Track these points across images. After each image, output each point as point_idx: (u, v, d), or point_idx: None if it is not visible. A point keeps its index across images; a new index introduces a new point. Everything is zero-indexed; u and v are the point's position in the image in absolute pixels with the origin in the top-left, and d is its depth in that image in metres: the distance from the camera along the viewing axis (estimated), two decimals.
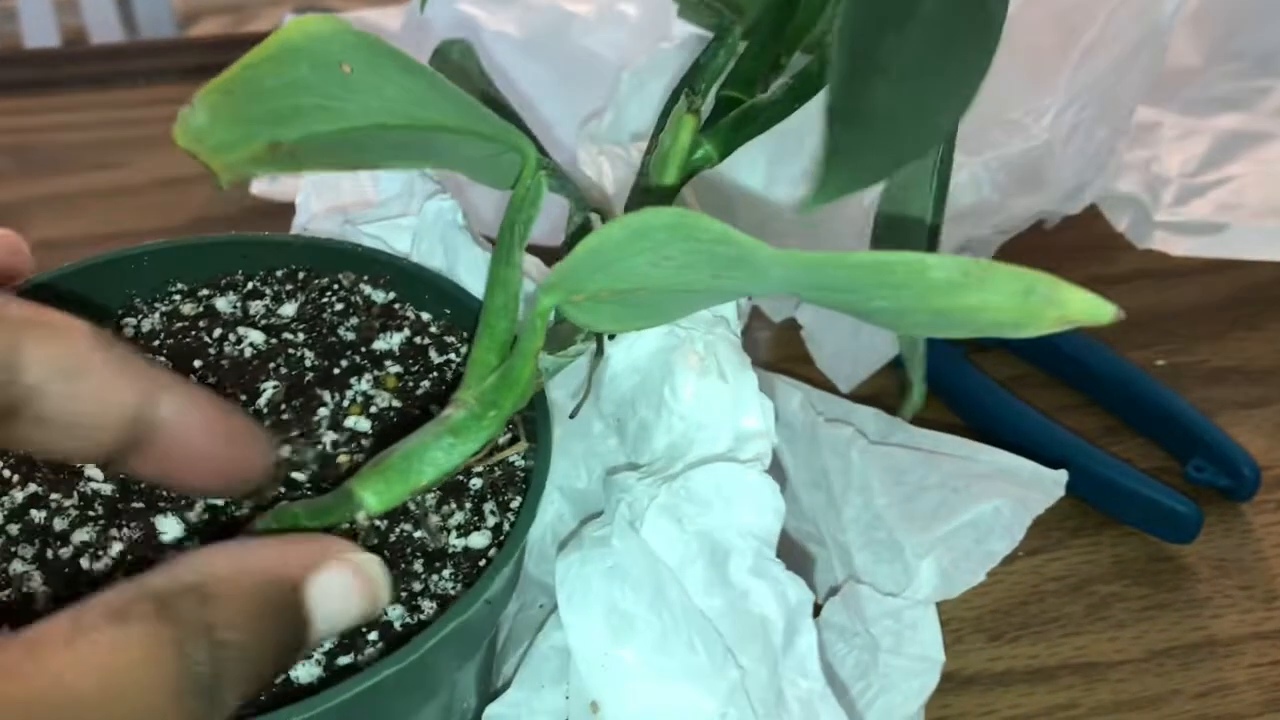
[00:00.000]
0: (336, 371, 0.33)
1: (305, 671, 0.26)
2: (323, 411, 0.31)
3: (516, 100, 0.40)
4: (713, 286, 0.24)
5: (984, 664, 0.42)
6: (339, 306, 0.34)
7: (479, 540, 0.29)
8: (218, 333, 0.33)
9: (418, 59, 0.26)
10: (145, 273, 0.35)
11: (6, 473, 0.29)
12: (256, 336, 0.33)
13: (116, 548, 0.28)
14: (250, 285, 0.35)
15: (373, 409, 0.32)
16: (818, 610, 0.40)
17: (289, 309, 0.34)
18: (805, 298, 0.24)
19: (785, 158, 0.41)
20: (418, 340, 0.33)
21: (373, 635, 0.27)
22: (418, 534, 0.29)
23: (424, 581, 0.28)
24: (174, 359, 0.32)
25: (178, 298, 0.35)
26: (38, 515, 0.28)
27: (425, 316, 0.34)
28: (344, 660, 0.27)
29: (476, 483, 0.30)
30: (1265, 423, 0.51)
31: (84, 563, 0.27)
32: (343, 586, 0.23)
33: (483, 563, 0.28)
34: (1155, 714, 0.41)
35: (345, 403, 0.32)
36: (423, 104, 0.25)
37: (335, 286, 0.35)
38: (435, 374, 0.33)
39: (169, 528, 0.28)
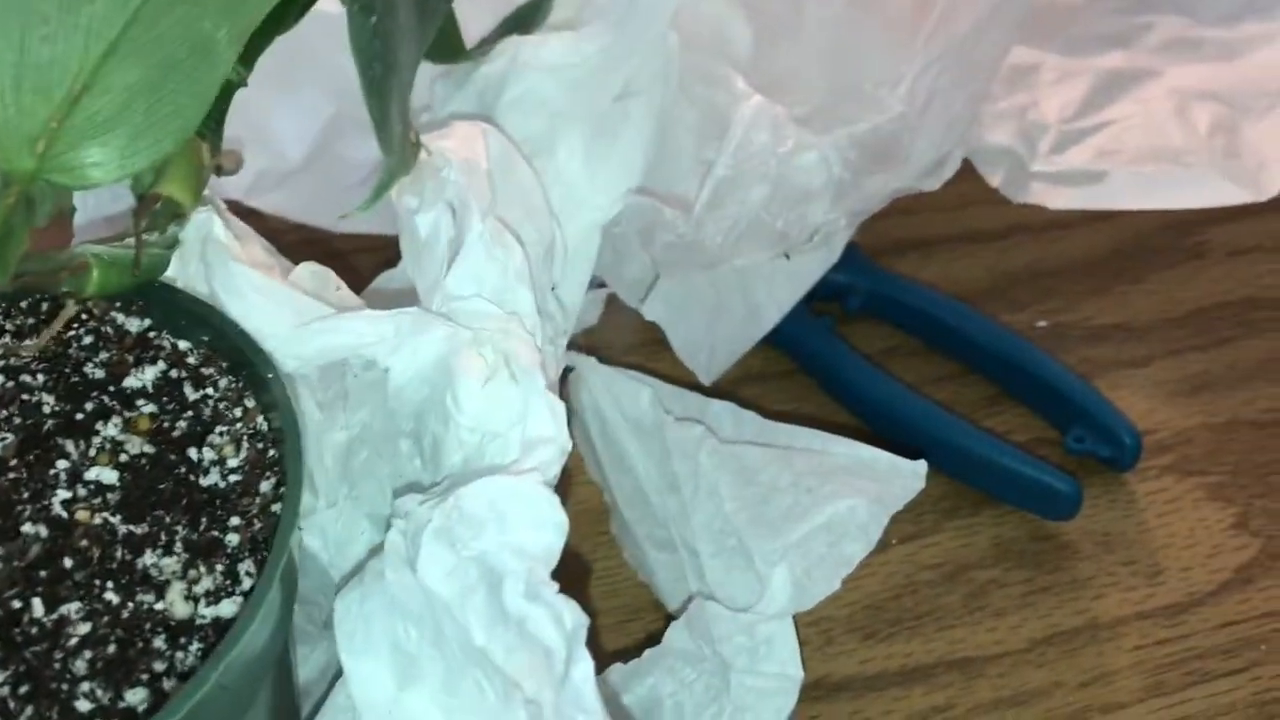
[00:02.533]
0: (81, 416, 0.29)
1: None
2: (62, 464, 0.28)
3: None
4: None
5: (855, 667, 0.40)
6: (88, 340, 0.30)
7: (230, 609, 0.25)
8: None
9: None
10: None
11: None
12: None
13: None
14: None
15: (122, 457, 0.28)
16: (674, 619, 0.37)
17: (30, 345, 0.30)
18: None
19: (603, 136, 0.37)
20: (173, 374, 0.30)
21: None
22: (159, 605, 0.25)
23: (167, 659, 0.24)
24: None
25: None
26: None
27: (183, 345, 0.30)
28: None
29: (233, 539, 0.26)
30: (1148, 382, 0.49)
31: None
32: None
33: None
34: (1036, 709, 0.39)
35: (91, 451, 0.28)
36: None
37: (84, 316, 0.31)
38: (191, 413, 0.29)
39: None
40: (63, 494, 0.27)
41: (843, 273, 0.48)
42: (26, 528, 0.26)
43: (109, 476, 0.27)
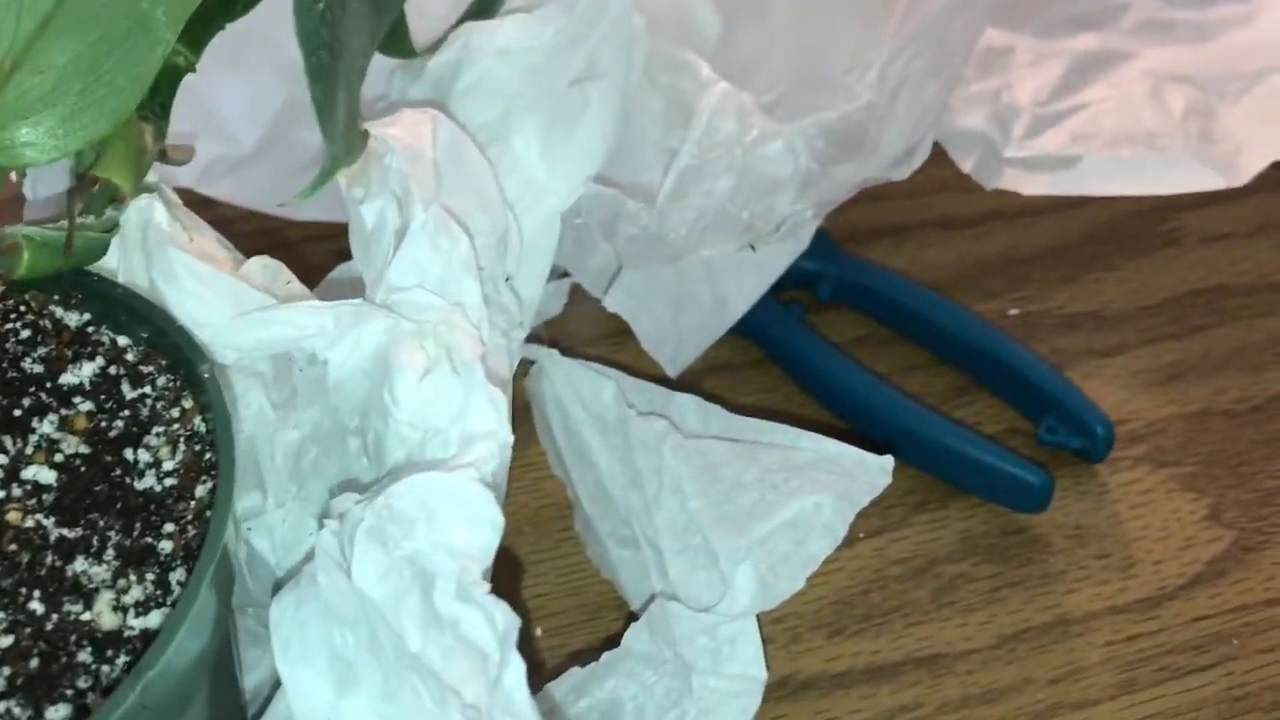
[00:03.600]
0: (18, 412, 0.28)
1: None
2: None
3: None
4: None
5: (822, 665, 0.39)
6: (25, 334, 0.29)
7: (160, 620, 0.24)
8: None
9: None
10: None
11: None
12: None
13: None
14: None
15: (58, 457, 0.27)
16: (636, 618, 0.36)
17: None
18: None
19: (560, 121, 0.36)
20: (112, 371, 0.29)
21: None
22: (86, 616, 0.24)
23: (93, 674, 0.23)
24: None
25: None
26: None
27: (122, 341, 0.29)
28: None
29: (165, 546, 0.25)
30: (1121, 371, 0.48)
31: None
32: None
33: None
34: (1005, 707, 0.38)
35: (28, 449, 0.27)
36: None
37: (21, 309, 0.30)
38: (128, 412, 0.28)
39: None
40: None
41: (812, 260, 0.47)
42: None
43: (46, 477, 0.26)
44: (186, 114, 0.39)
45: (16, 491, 0.26)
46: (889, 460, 0.35)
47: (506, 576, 0.41)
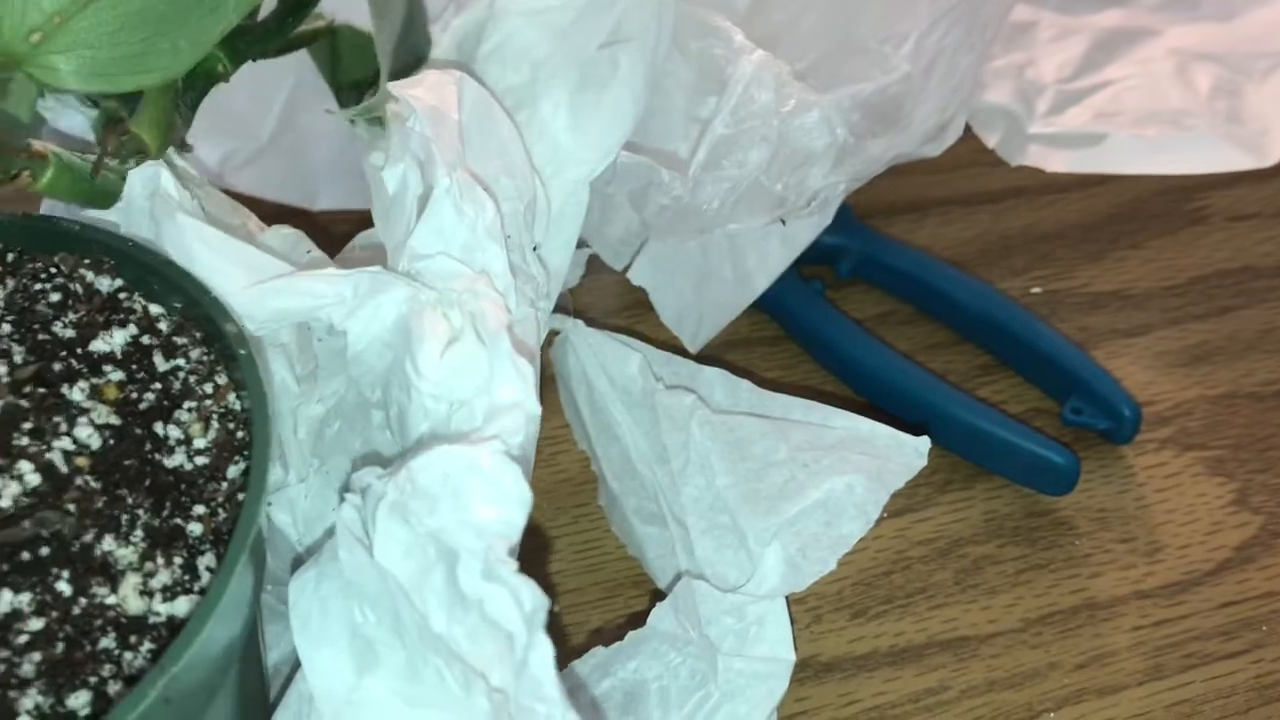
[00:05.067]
0: (50, 376, 0.27)
1: None
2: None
3: None
4: None
5: (845, 647, 0.38)
6: (55, 296, 0.28)
7: (185, 607, 0.23)
8: None
9: None
10: None
11: None
12: None
13: None
14: None
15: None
16: (661, 596, 0.36)
17: None
18: None
19: (589, 86, 0.35)
20: (144, 340, 0.28)
21: None
22: (111, 600, 0.23)
23: (116, 661, 0.22)
24: None
25: None
26: None
27: (155, 310, 0.28)
28: None
29: (195, 528, 0.24)
30: (1146, 352, 0.48)
31: None
32: None
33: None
34: (1031, 692, 0.37)
35: (56, 419, 0.26)
36: None
37: (52, 271, 0.29)
38: (159, 385, 0.27)
39: None
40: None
41: (833, 236, 0.46)
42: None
43: (95, 440, 0.25)
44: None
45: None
46: (925, 442, 0.34)
47: (524, 552, 0.40)
